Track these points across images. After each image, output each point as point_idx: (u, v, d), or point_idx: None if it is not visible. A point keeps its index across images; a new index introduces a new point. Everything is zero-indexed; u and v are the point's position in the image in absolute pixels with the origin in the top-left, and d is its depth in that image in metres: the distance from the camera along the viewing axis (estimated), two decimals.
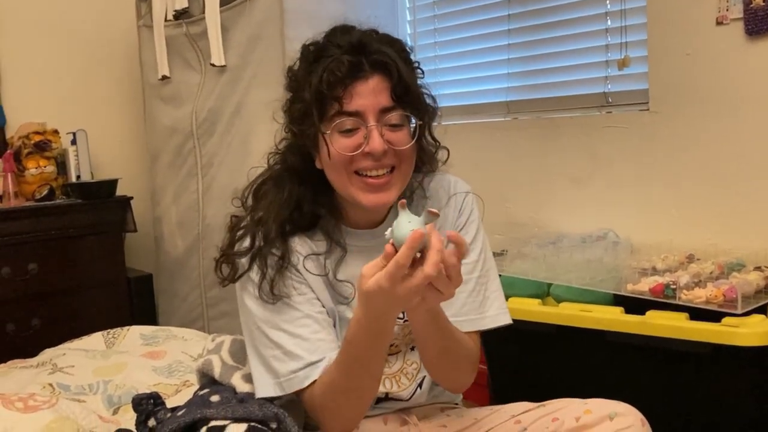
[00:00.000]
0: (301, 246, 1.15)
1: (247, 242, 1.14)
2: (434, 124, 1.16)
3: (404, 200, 0.94)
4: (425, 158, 1.18)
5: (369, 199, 1.09)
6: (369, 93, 1.05)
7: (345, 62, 1.03)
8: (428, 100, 1.14)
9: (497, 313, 1.21)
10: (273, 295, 1.10)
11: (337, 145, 1.06)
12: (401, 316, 1.17)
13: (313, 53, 1.09)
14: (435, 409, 1.26)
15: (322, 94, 1.05)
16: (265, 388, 1.11)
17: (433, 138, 1.18)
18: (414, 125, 1.11)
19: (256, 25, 2.31)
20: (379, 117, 1.06)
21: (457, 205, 1.23)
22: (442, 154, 1.21)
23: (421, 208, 1.20)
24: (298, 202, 1.13)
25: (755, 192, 1.84)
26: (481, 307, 1.20)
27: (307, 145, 1.11)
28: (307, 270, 1.14)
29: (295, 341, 1.10)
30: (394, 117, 1.07)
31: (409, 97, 1.08)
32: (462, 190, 1.24)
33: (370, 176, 1.08)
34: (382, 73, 1.06)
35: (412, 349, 1.21)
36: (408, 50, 1.12)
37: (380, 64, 1.05)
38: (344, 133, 1.06)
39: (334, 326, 1.16)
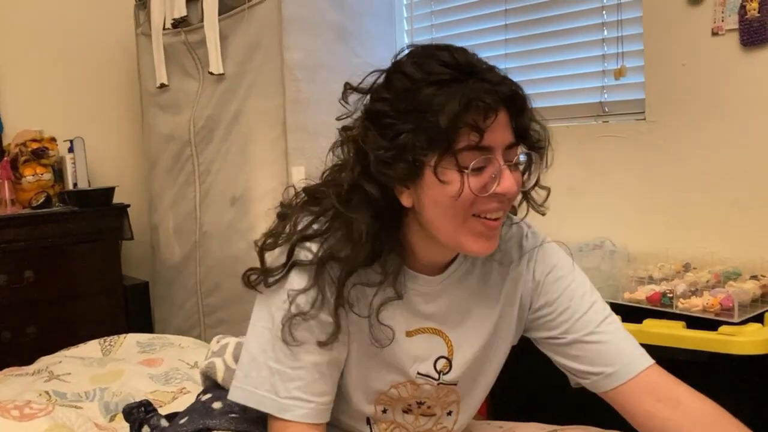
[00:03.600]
0: (353, 277, 1.00)
1: (291, 255, 0.99)
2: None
3: None
4: (528, 202, 1.06)
5: (481, 246, 0.96)
6: (499, 128, 0.92)
7: (486, 90, 0.90)
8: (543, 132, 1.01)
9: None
10: (304, 333, 0.98)
11: (468, 183, 0.92)
12: (435, 376, 1.07)
13: (426, 75, 0.93)
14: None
15: (460, 125, 0.90)
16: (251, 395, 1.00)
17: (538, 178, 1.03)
18: (529, 163, 1.00)
19: (255, 34, 2.32)
20: (504, 155, 0.94)
21: (531, 263, 1.09)
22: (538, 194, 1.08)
23: (490, 265, 1.07)
24: (373, 242, 0.97)
25: (751, 201, 1.85)
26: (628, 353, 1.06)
27: (404, 179, 0.94)
28: (352, 311, 1.00)
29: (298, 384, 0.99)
30: (515, 155, 0.96)
31: (529, 133, 0.98)
32: (534, 243, 1.10)
33: (490, 219, 0.95)
34: (509, 106, 0.94)
35: (449, 414, 1.11)
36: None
37: (508, 97, 0.93)
38: (474, 171, 0.92)
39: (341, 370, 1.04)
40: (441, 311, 1.06)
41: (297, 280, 0.98)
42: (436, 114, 0.89)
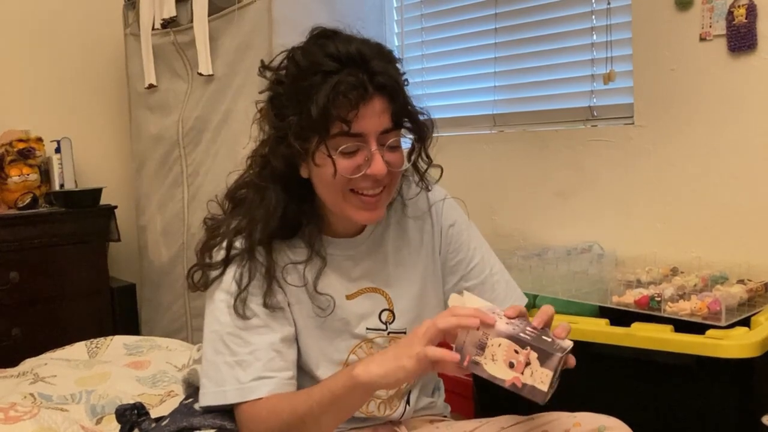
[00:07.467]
0: (281, 255, 1.12)
1: (229, 251, 1.10)
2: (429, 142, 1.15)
3: None
4: (418, 176, 1.17)
5: (363, 216, 1.09)
6: (372, 115, 1.02)
7: (353, 84, 1.00)
8: (423, 119, 1.12)
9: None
10: (246, 311, 1.07)
11: (338, 165, 1.03)
12: (383, 327, 1.16)
13: (310, 65, 1.03)
14: (424, 422, 1.25)
15: (330, 115, 1.00)
16: (219, 395, 1.07)
17: (428, 156, 1.16)
18: (410, 146, 1.11)
19: (245, 35, 2.31)
20: (379, 139, 1.04)
21: (438, 215, 1.22)
22: (434, 172, 1.19)
23: (405, 221, 1.20)
24: (284, 211, 1.09)
25: (738, 206, 1.87)
26: (515, 289, 1.27)
27: (296, 156, 1.06)
28: (288, 283, 1.11)
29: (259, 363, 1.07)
30: (393, 139, 1.06)
31: (408, 118, 1.08)
32: (437, 196, 1.23)
33: (367, 195, 1.07)
34: (384, 94, 1.03)
35: None
36: (399, 61, 1.10)
37: (383, 86, 1.02)
38: (346, 154, 1.04)
39: (296, 341, 1.13)
40: (371, 270, 1.17)
41: (230, 274, 1.09)
42: (312, 104, 1.00)
